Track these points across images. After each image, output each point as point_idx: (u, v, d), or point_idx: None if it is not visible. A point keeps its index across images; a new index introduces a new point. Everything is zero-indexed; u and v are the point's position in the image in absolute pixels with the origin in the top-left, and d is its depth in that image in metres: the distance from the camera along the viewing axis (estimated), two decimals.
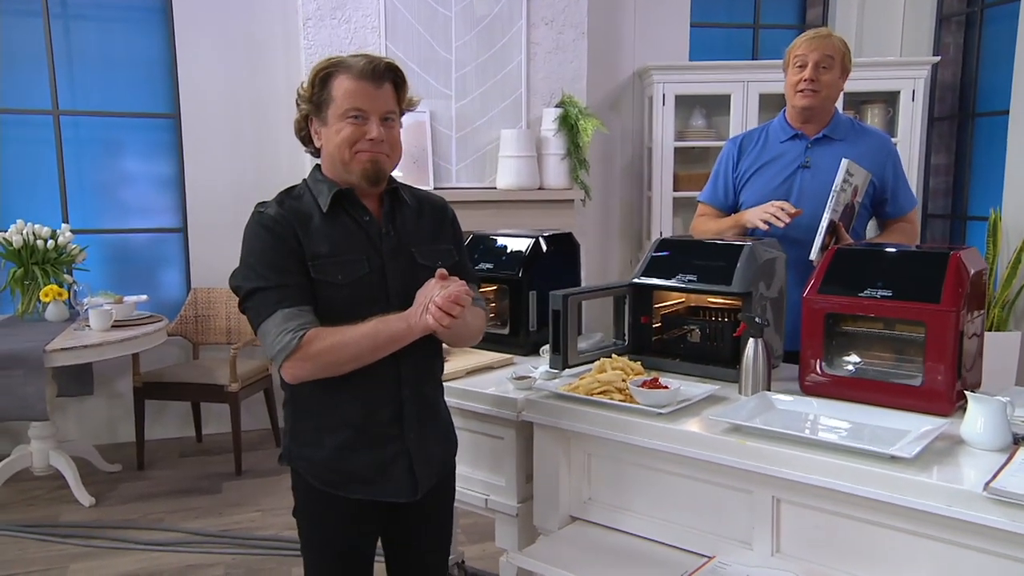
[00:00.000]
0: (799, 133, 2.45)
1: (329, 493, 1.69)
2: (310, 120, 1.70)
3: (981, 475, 1.44)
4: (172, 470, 4.08)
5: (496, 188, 4.36)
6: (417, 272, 1.71)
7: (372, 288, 1.66)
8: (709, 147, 4.81)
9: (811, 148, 2.42)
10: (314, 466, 1.69)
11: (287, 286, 1.59)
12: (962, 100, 4.99)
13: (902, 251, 1.95)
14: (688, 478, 1.77)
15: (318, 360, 1.57)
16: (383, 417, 1.69)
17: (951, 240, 5.01)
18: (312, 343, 1.56)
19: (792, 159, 2.43)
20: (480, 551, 3.14)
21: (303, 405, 1.70)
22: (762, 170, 2.47)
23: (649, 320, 2.20)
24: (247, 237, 1.65)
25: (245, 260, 1.64)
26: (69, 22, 4.38)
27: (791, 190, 2.41)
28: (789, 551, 1.64)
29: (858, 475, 1.50)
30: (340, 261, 1.63)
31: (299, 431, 1.72)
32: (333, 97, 1.65)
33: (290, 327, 1.56)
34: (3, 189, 4.38)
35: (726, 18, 5.32)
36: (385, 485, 1.70)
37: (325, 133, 1.68)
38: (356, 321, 1.59)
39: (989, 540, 1.39)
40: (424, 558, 1.87)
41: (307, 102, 1.68)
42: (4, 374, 3.31)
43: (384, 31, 4.20)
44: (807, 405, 1.82)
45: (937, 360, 1.74)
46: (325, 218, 1.66)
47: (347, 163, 1.67)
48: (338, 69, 1.65)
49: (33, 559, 3.17)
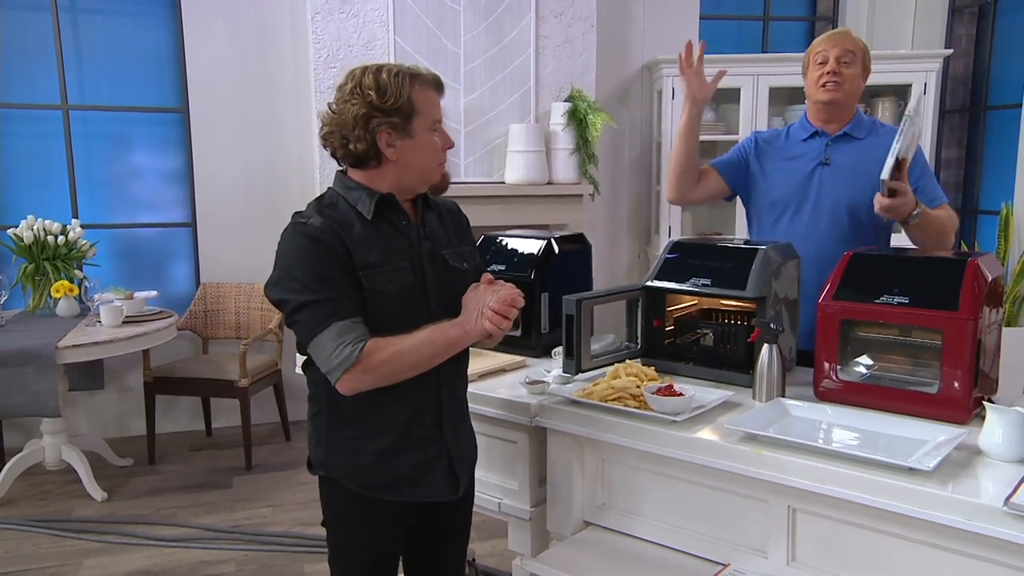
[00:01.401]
0: (819, 131, 2.42)
1: (371, 498, 1.68)
2: (377, 131, 1.59)
3: (1000, 487, 1.42)
4: (183, 464, 4.10)
5: (505, 183, 4.34)
6: (450, 275, 1.72)
7: (415, 294, 1.66)
8: (718, 141, 4.77)
9: (831, 146, 2.39)
10: (356, 472, 1.67)
11: (338, 299, 1.56)
12: (974, 93, 4.94)
13: (919, 257, 1.93)
14: (703, 486, 1.76)
15: (379, 371, 1.56)
16: (426, 419, 1.70)
17: (963, 235, 4.97)
18: (372, 355, 1.54)
19: (813, 156, 2.40)
20: (491, 548, 3.15)
21: (344, 414, 1.67)
22: (782, 168, 2.44)
23: (662, 323, 2.19)
24: (289, 249, 1.59)
25: (289, 272, 1.58)
26: (77, 16, 4.37)
27: (811, 186, 2.38)
28: (805, 560, 1.64)
29: (875, 487, 1.49)
30: (388, 269, 1.62)
31: (336, 439, 1.68)
32: (419, 109, 1.62)
33: (347, 340, 1.54)
34: (13, 184, 4.39)
35: (736, 10, 5.28)
36: (429, 486, 1.72)
37: (409, 145, 1.63)
38: (400, 327, 1.59)
39: (1008, 555, 1.38)
40: (448, 558, 1.89)
41: (387, 114, 1.59)
42: (16, 371, 3.32)
43: (392, 25, 4.18)
44: (822, 412, 1.81)
45: (954, 367, 1.72)
46: (367, 225, 1.63)
47: (431, 174, 1.69)
48: (415, 79, 1.62)
49: (47, 554, 3.19)
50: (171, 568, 3.08)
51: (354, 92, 1.60)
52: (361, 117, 1.58)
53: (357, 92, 1.60)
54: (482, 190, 4.27)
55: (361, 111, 1.58)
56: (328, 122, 1.65)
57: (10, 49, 4.27)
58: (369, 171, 1.66)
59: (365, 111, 1.58)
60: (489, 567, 3.00)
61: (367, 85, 1.59)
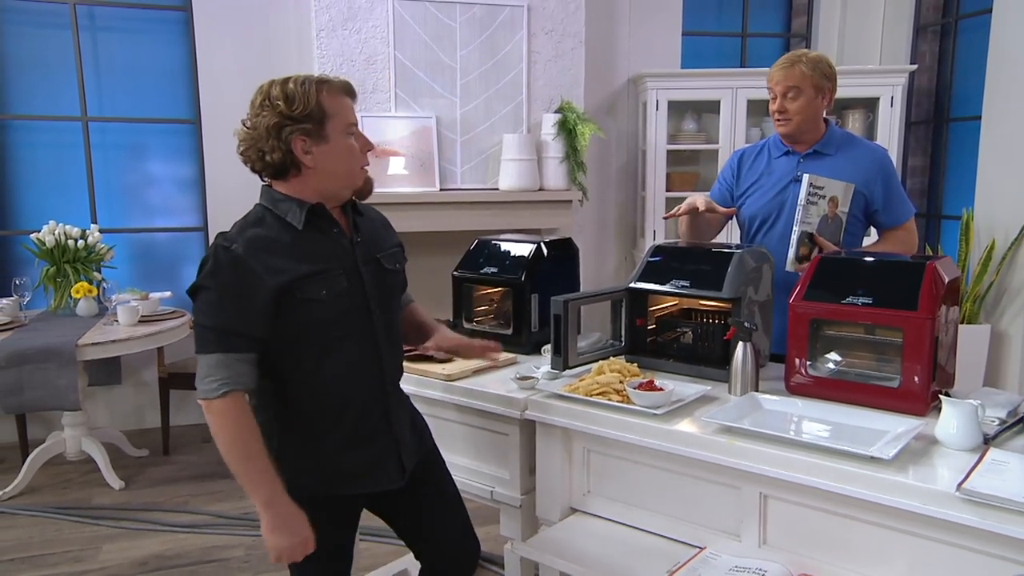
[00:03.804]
0: (790, 150, 2.43)
1: (324, 495, 1.65)
2: (291, 139, 1.55)
3: (954, 475, 1.45)
4: (195, 455, 4.11)
5: (498, 189, 4.35)
6: (386, 277, 1.71)
7: (353, 298, 1.63)
8: (699, 150, 4.80)
9: (802, 163, 2.39)
10: (309, 473, 1.64)
11: (231, 333, 1.51)
12: (937, 106, 4.97)
13: (882, 261, 1.95)
14: (681, 474, 1.78)
15: (214, 425, 1.53)
16: (374, 416, 1.69)
17: (927, 238, 5.01)
18: (222, 408, 1.50)
19: (784, 174, 2.41)
20: (484, 534, 3.11)
21: (292, 421, 1.64)
22: (758, 183, 2.46)
23: (644, 322, 2.21)
24: (209, 269, 1.54)
25: (206, 284, 1.53)
26: (96, 34, 4.36)
27: (784, 204, 2.38)
28: (775, 543, 1.66)
29: (840, 474, 1.51)
30: (322, 277, 1.58)
31: (287, 444, 1.64)
32: (329, 113, 1.56)
33: (216, 375, 1.50)
34: (36, 191, 4.39)
35: (716, 27, 5.30)
36: (380, 477, 1.71)
37: (326, 150, 1.58)
38: (344, 332, 1.60)
39: (961, 536, 1.41)
40: (445, 502, 1.89)
41: (298, 121, 1.53)
42: (40, 367, 3.33)
43: (393, 41, 4.18)
44: (792, 405, 1.83)
45: (913, 363, 1.74)
46: (298, 236, 1.59)
47: (354, 177, 1.64)
48: (322, 85, 1.57)
49: (68, 539, 3.20)
50: (184, 552, 3.09)
51: (264, 104, 1.56)
52: (273, 127, 1.54)
53: (267, 104, 1.55)
54: (477, 196, 4.28)
55: (272, 121, 1.54)
56: (244, 138, 1.60)
57: (34, 65, 4.27)
58: (291, 181, 1.60)
59: (276, 120, 1.53)
60: (483, 551, 3.01)
61: (275, 96, 1.55)
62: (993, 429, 1.63)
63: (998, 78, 4.23)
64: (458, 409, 2.10)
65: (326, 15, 4.09)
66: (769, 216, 2.42)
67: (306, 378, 1.62)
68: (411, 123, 4.21)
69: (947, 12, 4.88)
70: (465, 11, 4.26)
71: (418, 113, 4.24)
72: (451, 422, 2.15)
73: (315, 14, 4.08)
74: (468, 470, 2.13)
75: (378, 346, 1.67)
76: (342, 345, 1.62)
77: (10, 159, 4.35)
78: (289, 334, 1.57)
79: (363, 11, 4.12)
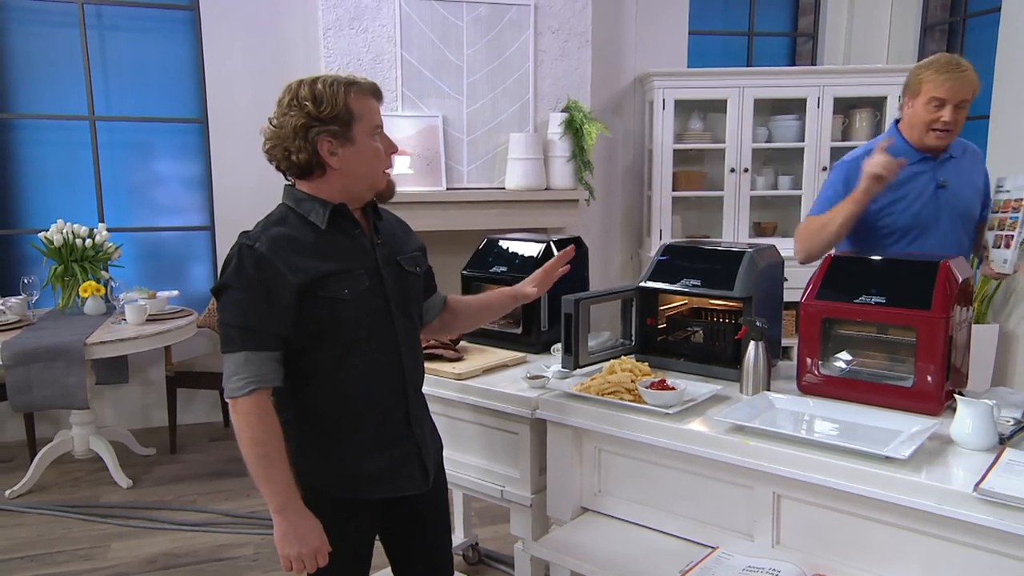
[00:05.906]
0: (927, 156, 2.32)
1: (347, 499, 1.64)
2: (317, 140, 1.54)
3: (970, 475, 1.44)
4: (202, 454, 4.10)
5: (505, 188, 4.35)
6: (406, 279, 1.70)
7: (374, 298, 1.62)
8: (706, 149, 4.79)
9: (940, 168, 2.32)
10: (331, 476, 1.63)
11: (258, 330, 1.51)
12: None
13: (894, 260, 1.94)
14: (693, 474, 1.77)
15: (240, 423, 1.53)
16: (396, 418, 1.68)
17: None
18: (248, 408, 1.51)
19: (928, 180, 2.31)
20: (493, 533, 3.16)
21: (313, 423, 1.63)
22: (902, 193, 2.30)
23: (655, 322, 2.20)
24: (233, 268, 1.54)
25: (231, 283, 1.53)
26: (104, 33, 4.37)
27: (939, 209, 2.30)
28: (788, 543, 1.65)
29: (854, 474, 1.50)
30: (345, 276, 1.58)
31: (309, 446, 1.63)
32: (357, 115, 1.56)
33: (244, 374, 1.50)
34: (44, 190, 4.39)
35: (723, 26, 5.28)
36: (402, 481, 1.69)
37: (352, 151, 1.57)
38: (366, 331, 1.59)
39: (977, 537, 1.40)
40: (431, 549, 1.84)
41: (325, 122, 1.53)
42: (48, 366, 3.33)
43: (400, 40, 4.18)
44: (804, 405, 1.83)
45: (927, 362, 1.74)
46: (321, 236, 1.58)
47: (377, 179, 1.64)
48: (351, 87, 1.57)
49: (77, 537, 3.20)
50: (192, 551, 3.09)
51: (291, 104, 1.55)
52: (300, 128, 1.53)
53: (295, 104, 1.55)
54: (484, 195, 4.27)
55: (300, 121, 1.53)
56: (270, 136, 1.59)
57: (41, 64, 4.28)
58: (315, 181, 1.60)
59: (303, 121, 1.53)
60: (492, 551, 3.02)
61: (303, 96, 1.54)
62: (1008, 429, 1.62)
63: (1006, 77, 4.21)
64: (469, 408, 2.10)
65: (333, 14, 4.08)
66: (928, 222, 2.30)
67: (328, 378, 1.61)
68: (418, 122, 4.21)
69: (955, 11, 4.86)
70: (472, 10, 4.26)
71: (424, 112, 4.23)
72: (462, 421, 2.14)
73: (322, 13, 4.07)
74: (479, 469, 2.13)
75: (399, 347, 1.66)
76: (363, 345, 1.61)
77: (18, 158, 4.35)
78: (311, 333, 1.57)
79: (370, 10, 4.12)
